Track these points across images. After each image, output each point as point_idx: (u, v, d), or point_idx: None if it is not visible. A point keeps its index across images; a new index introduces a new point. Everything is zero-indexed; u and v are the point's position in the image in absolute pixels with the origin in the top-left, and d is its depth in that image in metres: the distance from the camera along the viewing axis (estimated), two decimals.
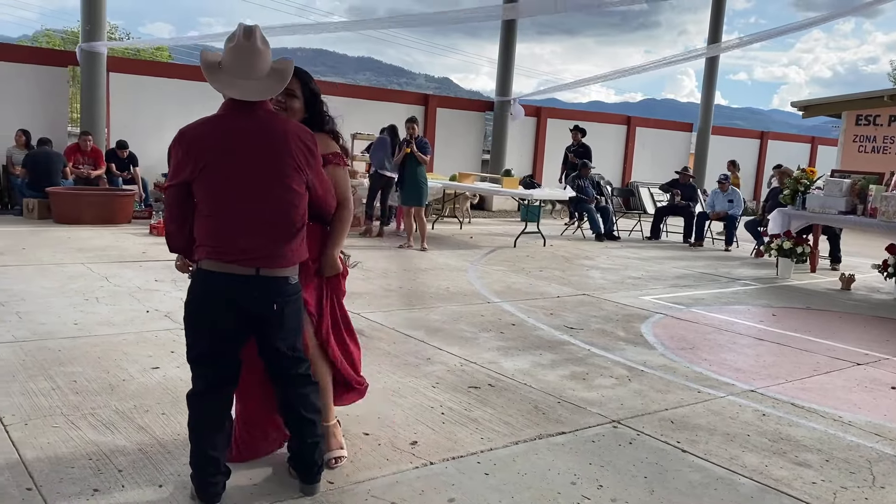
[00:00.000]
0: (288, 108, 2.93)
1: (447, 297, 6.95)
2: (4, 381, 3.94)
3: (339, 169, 3.06)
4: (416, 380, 4.44)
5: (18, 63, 11.77)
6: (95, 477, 2.97)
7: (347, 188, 3.09)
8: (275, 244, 2.61)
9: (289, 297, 2.69)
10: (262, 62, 2.60)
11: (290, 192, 2.62)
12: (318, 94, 3.04)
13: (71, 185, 11.07)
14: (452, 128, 16.62)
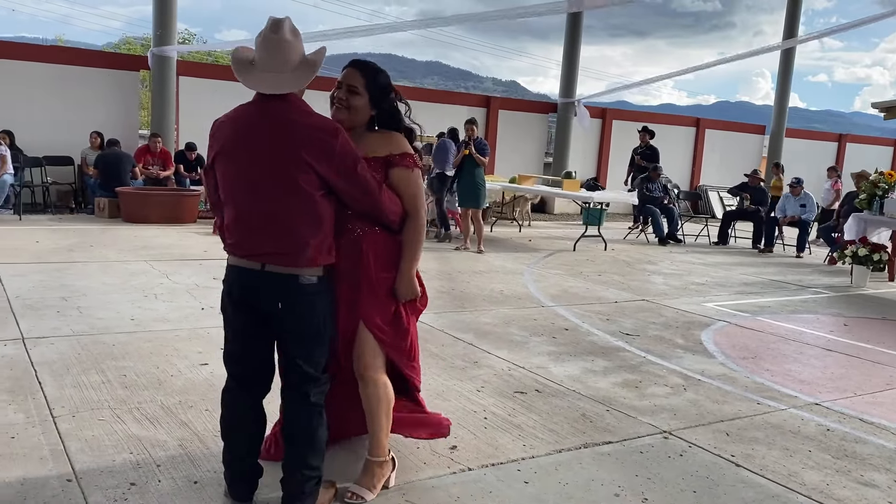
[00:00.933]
0: (350, 105, 2.72)
1: (500, 300, 6.85)
2: (59, 374, 4.04)
3: (405, 171, 2.75)
4: (461, 383, 4.36)
5: (95, 68, 12.22)
6: (134, 471, 3.00)
7: (415, 195, 2.77)
8: (281, 241, 2.51)
9: (299, 298, 2.54)
10: (290, 54, 2.50)
11: (298, 190, 2.47)
12: (387, 89, 2.79)
13: (141, 185, 11.42)
14: (515, 130, 16.48)
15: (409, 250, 2.78)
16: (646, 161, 13.72)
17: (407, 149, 2.78)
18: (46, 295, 5.78)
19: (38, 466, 2.98)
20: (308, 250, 2.52)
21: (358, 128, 2.78)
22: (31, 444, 3.18)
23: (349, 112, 2.72)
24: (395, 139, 2.79)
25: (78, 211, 11.48)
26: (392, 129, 2.81)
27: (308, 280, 2.55)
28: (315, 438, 2.64)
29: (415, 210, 2.78)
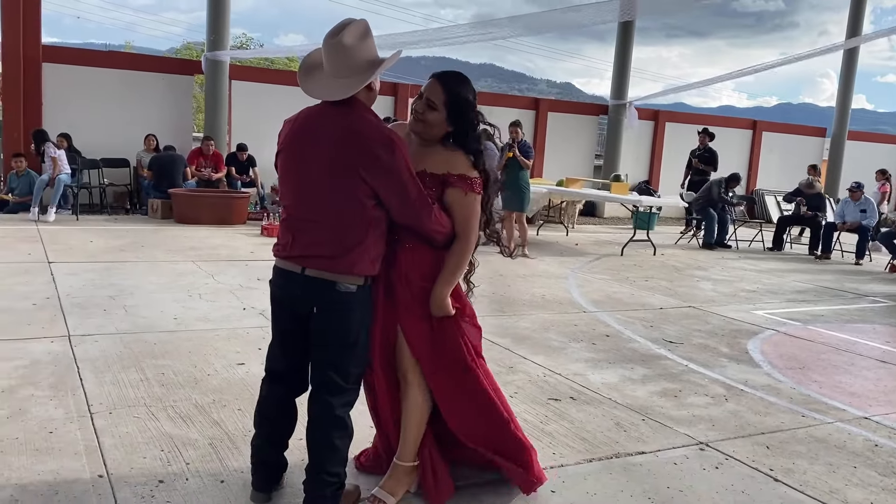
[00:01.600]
0: (425, 119, 2.64)
1: (541, 304, 6.77)
2: (100, 371, 4.14)
3: (459, 193, 2.65)
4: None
5: (150, 72, 12.56)
6: (163, 468, 3.04)
7: (466, 218, 2.67)
8: (321, 246, 2.50)
9: (335, 305, 2.53)
10: (348, 59, 2.45)
11: (346, 198, 2.46)
12: (468, 105, 2.66)
13: (193, 187, 11.68)
14: (564, 132, 16.33)
15: (448, 270, 2.69)
16: (704, 164, 13.42)
17: (466, 170, 2.66)
18: (95, 293, 5.95)
19: (72, 461, 3.05)
20: (349, 258, 2.50)
21: (432, 141, 2.71)
22: (68, 439, 3.26)
23: (424, 126, 2.66)
24: (456, 159, 2.68)
25: (133, 212, 11.81)
26: (463, 148, 2.70)
27: (346, 288, 2.53)
28: (334, 446, 2.62)
29: (464, 233, 2.68)
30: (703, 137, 13.71)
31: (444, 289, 2.69)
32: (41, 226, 9.42)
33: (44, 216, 9.94)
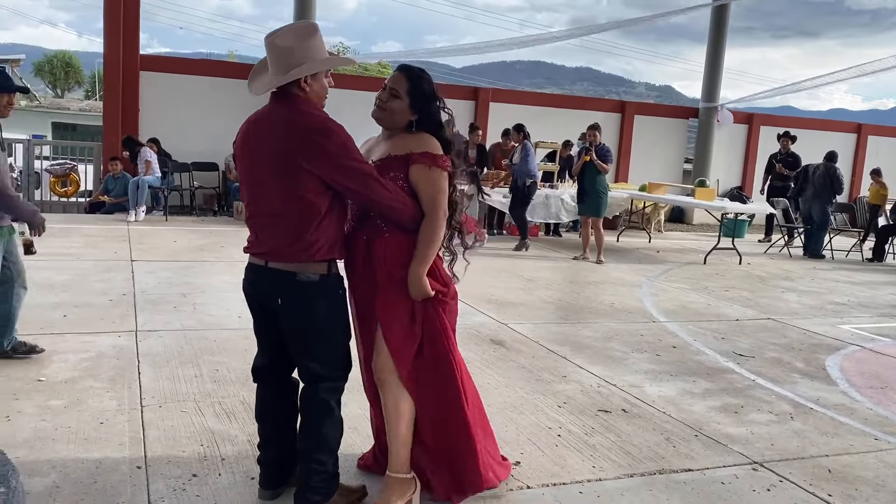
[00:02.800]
0: (387, 107, 2.72)
1: (608, 312, 6.59)
2: (158, 366, 4.30)
3: (422, 169, 2.67)
4: (543, 397, 4.22)
5: (238, 79, 12.99)
6: (199, 463, 3.12)
7: (432, 195, 2.68)
8: (279, 237, 2.58)
9: (297, 296, 2.59)
10: (281, 57, 2.55)
11: (293, 188, 2.52)
12: (430, 96, 2.74)
13: None
14: (651, 136, 15.89)
15: (420, 250, 2.66)
16: (787, 168, 12.80)
17: (429, 147, 2.69)
18: (169, 291, 6.20)
19: (116, 451, 3.17)
20: (302, 247, 2.55)
21: (396, 130, 2.78)
22: (116, 430, 3.39)
23: (386, 113, 2.74)
24: (419, 138, 2.72)
25: (220, 213, 12.27)
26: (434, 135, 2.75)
27: (307, 278, 2.58)
28: (321, 434, 2.68)
29: (432, 209, 2.67)
30: (785, 141, 13.06)
31: (418, 268, 2.66)
32: (132, 226, 9.91)
33: (134, 216, 10.47)
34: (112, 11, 11.75)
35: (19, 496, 1.99)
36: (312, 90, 2.60)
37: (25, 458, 3.03)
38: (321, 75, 2.63)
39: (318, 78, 2.61)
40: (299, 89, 2.57)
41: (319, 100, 2.64)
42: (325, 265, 2.62)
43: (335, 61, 2.77)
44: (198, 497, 2.85)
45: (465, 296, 6.66)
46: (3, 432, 3.27)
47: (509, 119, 13.29)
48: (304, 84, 2.57)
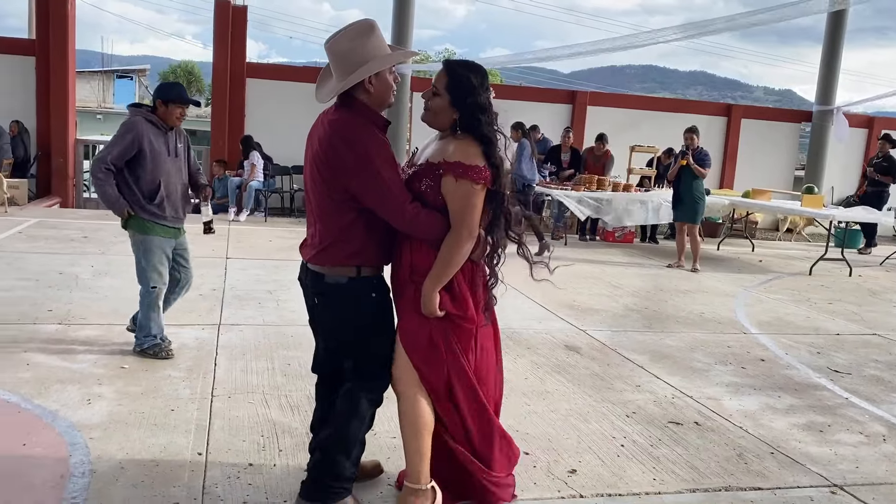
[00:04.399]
0: (430, 108, 2.60)
1: (696, 322, 6.32)
2: (234, 358, 4.46)
3: (450, 181, 2.50)
4: (611, 406, 4.09)
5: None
6: (257, 453, 3.21)
7: (458, 209, 2.49)
8: (316, 239, 2.65)
9: (326, 297, 2.65)
10: (339, 62, 2.55)
11: (322, 191, 2.57)
12: (468, 87, 2.53)
13: None
14: (759, 140, 15.19)
15: (435, 267, 2.52)
16: (881, 173, 11.89)
17: (461, 156, 2.50)
18: (256, 287, 6.43)
19: (182, 437, 3.31)
20: (329, 251, 2.61)
21: (444, 131, 2.64)
22: (185, 417, 3.54)
23: (429, 113, 2.62)
24: (458, 144, 2.54)
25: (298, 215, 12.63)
26: (472, 134, 2.56)
27: (335, 280, 2.61)
28: (341, 433, 2.68)
29: (455, 226, 2.50)
30: (884, 144, 12.10)
31: (429, 284, 2.53)
32: (233, 225, 10.35)
33: (237, 217, 10.94)
34: (221, 22, 12.35)
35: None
36: (377, 90, 2.57)
37: (98, 440, 3.21)
38: (385, 74, 2.58)
39: (382, 77, 2.57)
40: (363, 92, 2.56)
41: (382, 100, 2.61)
42: (354, 269, 2.60)
43: (395, 57, 2.65)
44: (250, 486, 2.93)
45: (546, 301, 6.58)
46: (82, 415, 3.47)
47: (607, 123, 13.06)
48: (367, 85, 2.55)
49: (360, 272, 2.62)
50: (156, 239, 4.27)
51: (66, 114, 12.20)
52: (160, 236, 4.28)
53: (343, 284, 2.61)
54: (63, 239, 8.18)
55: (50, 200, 11.72)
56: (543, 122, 12.86)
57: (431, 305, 2.54)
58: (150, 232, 4.25)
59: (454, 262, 2.52)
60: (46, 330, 4.75)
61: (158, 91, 4.42)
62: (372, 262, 2.64)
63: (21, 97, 12.12)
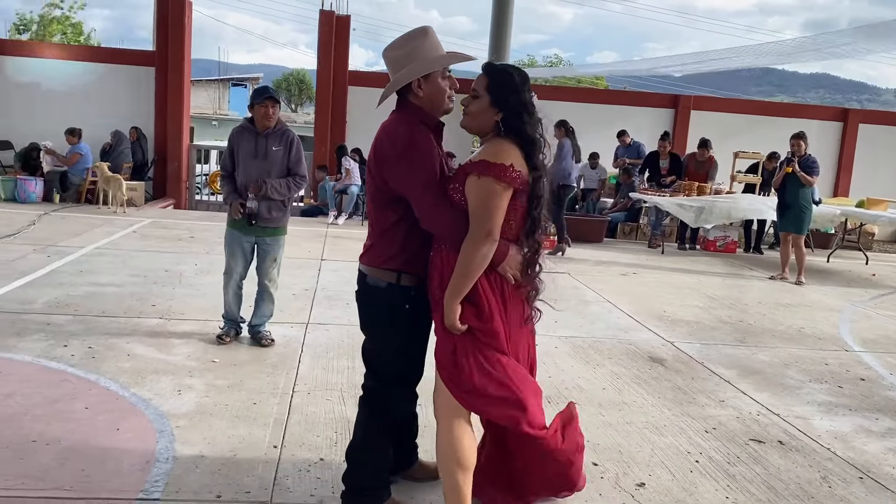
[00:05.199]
0: (469, 111, 2.51)
1: (793, 337, 6.03)
2: (317, 356, 4.62)
3: (471, 179, 2.39)
4: (690, 420, 3.97)
5: None
6: (329, 448, 3.32)
7: (475, 207, 2.37)
8: (367, 240, 2.72)
9: (363, 296, 2.73)
10: (391, 67, 2.63)
11: (371, 192, 2.66)
12: (510, 86, 2.43)
13: None
14: (880, 147, 14.29)
15: (455, 273, 2.39)
16: None
17: (489, 154, 2.38)
18: (346, 289, 6.57)
19: (260, 430, 3.47)
20: (370, 252, 2.67)
21: (486, 135, 2.52)
22: (266, 411, 3.70)
23: (467, 118, 2.52)
24: (492, 145, 2.44)
25: None
26: (514, 134, 2.44)
27: (374, 282, 2.65)
28: (355, 432, 2.83)
29: (473, 225, 2.37)
30: None
31: (447, 296, 2.41)
32: (330, 228, 10.68)
33: (335, 220, 11.28)
34: (325, 31, 12.79)
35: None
36: (426, 94, 2.57)
37: (183, 428, 3.41)
38: (435, 78, 2.56)
39: (431, 80, 2.56)
40: (413, 95, 2.59)
41: (435, 104, 2.59)
42: (395, 275, 2.60)
43: (441, 60, 2.60)
44: (318, 479, 3.04)
45: (634, 311, 6.45)
46: (172, 404, 3.70)
47: (712, 128, 12.64)
48: (416, 89, 2.56)
49: (400, 280, 2.61)
50: (234, 233, 4.70)
51: (181, 121, 12.96)
52: (237, 231, 4.68)
53: (381, 288, 2.64)
54: (172, 238, 8.70)
55: (164, 202, 12.48)
56: (643, 128, 12.62)
57: (451, 318, 2.39)
58: (229, 226, 4.74)
59: (472, 267, 2.37)
60: (148, 323, 5.08)
61: (250, 98, 4.75)
62: (412, 270, 2.60)
63: (141, 105, 12.96)
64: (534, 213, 2.45)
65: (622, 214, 12.05)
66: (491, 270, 2.43)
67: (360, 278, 2.73)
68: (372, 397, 2.77)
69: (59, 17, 31.25)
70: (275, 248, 4.77)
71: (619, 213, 12.13)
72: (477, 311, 2.42)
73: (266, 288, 4.82)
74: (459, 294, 2.40)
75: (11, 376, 3.93)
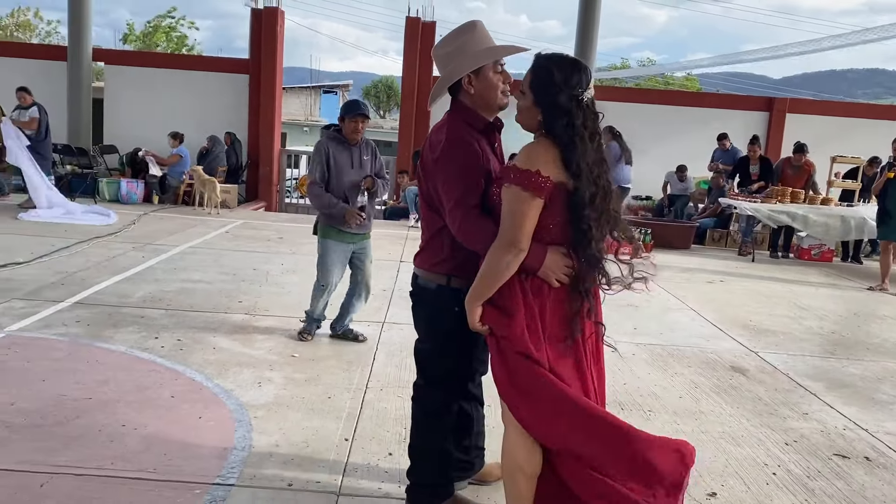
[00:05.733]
0: (518, 107, 2.40)
1: (890, 351, 5.72)
2: (391, 354, 4.72)
3: (505, 187, 2.28)
4: (770, 432, 3.83)
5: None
6: (397, 444, 3.38)
7: (504, 216, 2.28)
8: (420, 242, 2.75)
9: (415, 296, 2.77)
10: (439, 67, 2.61)
11: (421, 194, 2.69)
12: (547, 82, 2.28)
13: None
14: None
15: (478, 275, 2.34)
16: None
17: (518, 160, 2.28)
18: None
19: (332, 423, 3.57)
20: (426, 255, 2.69)
21: (535, 133, 2.39)
22: (339, 405, 3.81)
23: (518, 114, 2.40)
24: (524, 150, 2.32)
25: None
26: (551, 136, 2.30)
27: (425, 284, 2.68)
28: (412, 430, 2.88)
29: (500, 230, 2.28)
30: None
31: (468, 297, 2.36)
32: (411, 231, 10.82)
33: (416, 223, 11.43)
34: (411, 38, 12.99)
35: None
36: (477, 90, 2.51)
37: (261, 419, 3.55)
38: (486, 72, 2.50)
39: (482, 75, 2.50)
40: (464, 93, 2.54)
41: (487, 101, 2.53)
42: (445, 277, 2.60)
43: (493, 52, 2.53)
44: (386, 473, 3.11)
45: (719, 319, 6.27)
46: (251, 395, 3.85)
47: (809, 132, 12.13)
48: (467, 86, 2.50)
49: (451, 282, 2.59)
50: (330, 242, 4.75)
51: (273, 126, 13.44)
52: (335, 240, 4.74)
53: (431, 290, 2.65)
54: (261, 239, 9.03)
55: (256, 204, 12.95)
56: (737, 132, 12.23)
57: (471, 317, 2.36)
58: (326, 236, 4.76)
59: (492, 274, 2.28)
60: (234, 319, 5.30)
61: (340, 110, 4.84)
62: (463, 274, 2.52)
63: (236, 111, 13.50)
64: (578, 223, 2.27)
65: (711, 220, 11.70)
66: (528, 275, 2.32)
67: (413, 279, 2.77)
68: (421, 396, 2.81)
69: (165, 27, 33.01)
70: (370, 250, 4.96)
71: (708, 218, 11.79)
72: (499, 314, 2.34)
73: (369, 289, 5.01)
74: (480, 297, 2.34)
75: (107, 365, 4.18)
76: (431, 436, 2.77)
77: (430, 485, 2.79)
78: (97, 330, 4.80)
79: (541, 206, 2.25)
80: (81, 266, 6.65)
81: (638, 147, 13.33)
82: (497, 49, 2.55)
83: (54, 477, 2.88)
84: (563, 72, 2.28)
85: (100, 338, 4.65)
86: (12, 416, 3.40)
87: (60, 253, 7.16)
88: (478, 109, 2.56)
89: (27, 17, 37.71)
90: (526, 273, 2.32)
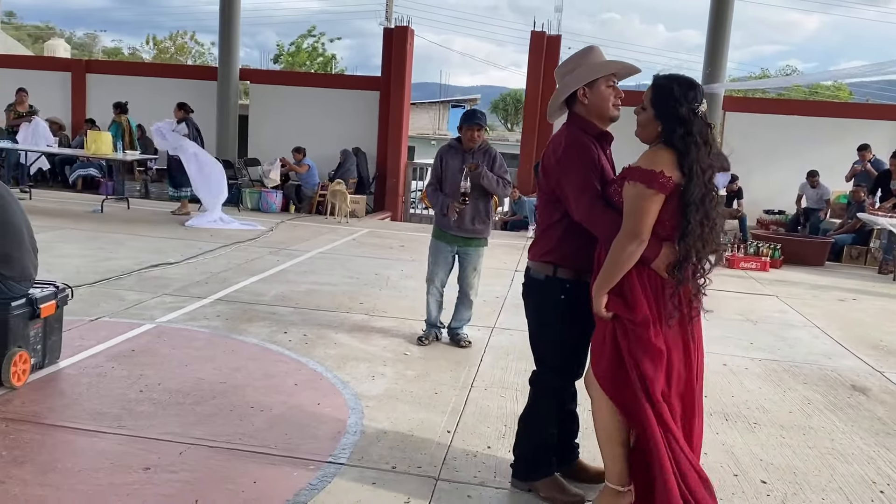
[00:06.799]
0: (638, 122, 2.67)
1: None
2: (498, 357, 4.90)
3: (628, 185, 2.57)
4: (884, 452, 3.70)
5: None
6: (496, 439, 3.57)
7: (627, 211, 2.55)
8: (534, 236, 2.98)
9: (526, 287, 3.05)
10: (560, 86, 2.87)
11: (539, 195, 2.98)
12: (668, 97, 2.55)
13: None
14: None
15: (604, 265, 2.61)
16: None
17: (643, 161, 2.56)
18: None
19: (437, 416, 3.80)
20: (537, 248, 2.95)
21: (651, 144, 2.65)
22: (444, 400, 4.04)
23: (638, 128, 2.68)
24: (646, 154, 2.60)
25: None
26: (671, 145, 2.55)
27: (535, 274, 2.93)
28: (522, 418, 3.10)
29: (622, 227, 2.55)
30: None
31: (595, 286, 2.63)
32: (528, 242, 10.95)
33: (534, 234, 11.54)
34: (535, 51, 13.19)
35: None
36: (591, 101, 2.80)
37: (372, 408, 3.84)
38: (599, 85, 2.79)
39: (595, 88, 2.79)
40: (580, 105, 2.83)
41: (600, 112, 2.81)
42: (552, 268, 2.86)
43: (606, 66, 2.82)
44: (483, 464, 3.30)
45: (844, 338, 6.02)
46: (365, 387, 4.16)
47: None
48: (581, 98, 2.81)
49: (557, 272, 2.85)
50: (439, 243, 5.05)
51: (400, 140, 14.00)
52: (438, 240, 5.05)
53: (540, 280, 2.92)
54: (385, 246, 9.47)
55: (383, 214, 13.53)
56: (875, 143, 11.56)
57: (597, 305, 2.63)
58: (433, 235, 5.11)
59: (617, 263, 2.56)
60: (355, 318, 5.66)
61: (459, 120, 5.10)
62: (569, 265, 2.83)
63: (368, 126, 14.20)
64: (688, 217, 2.52)
65: (849, 237, 11.07)
66: (644, 266, 2.59)
67: (525, 271, 3.03)
68: (536, 380, 3.05)
69: (307, 47, 34.92)
70: (475, 259, 5.07)
71: (845, 234, 11.17)
72: (625, 302, 2.60)
73: (467, 295, 5.14)
74: (605, 285, 2.60)
75: (241, 354, 4.62)
76: (541, 413, 3.01)
77: (533, 460, 3.01)
78: (234, 324, 5.29)
79: (661, 203, 2.53)
80: (224, 267, 7.28)
81: (772, 159, 12.86)
82: (609, 64, 2.83)
83: (191, 447, 3.28)
84: (682, 88, 2.58)
85: (236, 330, 5.12)
86: (159, 394, 3.86)
87: (206, 255, 7.86)
88: (592, 119, 2.83)
89: (184, 41, 41.10)
90: (641, 264, 2.58)
